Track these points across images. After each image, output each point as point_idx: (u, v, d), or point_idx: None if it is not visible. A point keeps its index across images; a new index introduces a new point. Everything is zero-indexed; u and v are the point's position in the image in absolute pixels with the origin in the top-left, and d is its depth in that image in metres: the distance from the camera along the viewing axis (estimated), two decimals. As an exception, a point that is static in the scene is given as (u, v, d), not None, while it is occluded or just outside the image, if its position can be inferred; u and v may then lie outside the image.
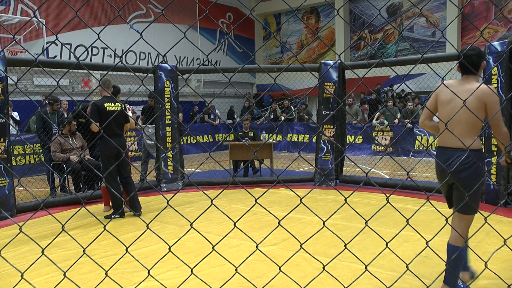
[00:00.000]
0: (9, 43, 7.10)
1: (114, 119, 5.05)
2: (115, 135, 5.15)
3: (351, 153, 11.42)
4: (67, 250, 4.01)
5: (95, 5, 12.93)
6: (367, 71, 2.49)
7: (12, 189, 5.51)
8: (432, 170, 8.40)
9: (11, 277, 3.41)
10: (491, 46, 5.54)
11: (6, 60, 5.37)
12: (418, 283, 2.98)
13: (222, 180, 7.45)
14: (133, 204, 5.30)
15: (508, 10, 14.20)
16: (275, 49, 19.88)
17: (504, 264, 3.45)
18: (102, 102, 5.14)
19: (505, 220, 4.78)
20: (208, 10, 2.77)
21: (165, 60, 14.43)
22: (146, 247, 4.05)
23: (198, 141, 12.74)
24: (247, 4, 19.03)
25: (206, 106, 14.94)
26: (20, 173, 7.99)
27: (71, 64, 6.86)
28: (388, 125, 10.77)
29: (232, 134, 9.01)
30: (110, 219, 5.13)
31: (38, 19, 10.82)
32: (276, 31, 19.51)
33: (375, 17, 16.55)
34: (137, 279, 3.21)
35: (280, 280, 2.94)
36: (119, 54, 14.04)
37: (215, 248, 1.58)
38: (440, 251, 3.72)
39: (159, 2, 15.37)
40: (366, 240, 4.05)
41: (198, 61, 17.00)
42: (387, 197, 1.47)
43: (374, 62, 7.25)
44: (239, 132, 8.54)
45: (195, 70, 8.81)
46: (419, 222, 4.69)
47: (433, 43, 14.81)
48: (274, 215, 1.81)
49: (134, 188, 5.49)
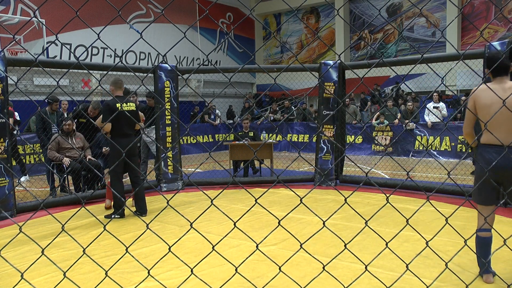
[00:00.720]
0: (9, 43, 7.10)
1: (126, 119, 5.01)
2: (126, 135, 5.11)
3: (351, 153, 11.42)
4: (67, 250, 4.01)
5: (95, 5, 12.94)
6: (367, 71, 2.50)
7: (12, 189, 5.51)
8: (432, 170, 8.43)
9: (11, 277, 3.41)
10: (491, 46, 5.54)
11: (6, 60, 5.36)
12: (418, 283, 2.98)
13: (222, 180, 7.45)
14: (141, 205, 5.28)
15: (508, 10, 14.20)
16: (275, 49, 19.88)
17: (504, 264, 3.45)
18: (114, 102, 5.08)
19: (505, 220, 4.79)
20: (208, 10, 2.76)
21: (165, 60, 14.43)
22: (146, 247, 4.05)
23: (198, 141, 12.74)
24: (247, 4, 19.03)
25: (206, 106, 14.94)
26: (20, 173, 7.99)
27: (71, 64, 6.86)
28: (388, 125, 10.77)
29: (232, 134, 9.01)
30: (110, 219, 5.13)
31: (38, 19, 10.82)
32: (276, 31, 19.51)
33: (375, 17, 16.56)
34: (137, 279, 3.21)
35: (280, 280, 2.94)
36: (119, 54, 14.04)
37: (215, 248, 1.58)
38: (440, 251, 3.72)
39: (159, 2, 15.37)
40: (366, 240, 4.05)
41: (198, 61, 17.01)
42: (387, 197, 1.47)
43: (374, 62, 7.25)
44: (239, 132, 8.54)
45: (195, 70, 8.81)
46: (419, 222, 4.69)
47: (433, 43, 14.82)
48: (274, 215, 1.81)
49: (141, 189, 5.45)
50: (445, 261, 1.65)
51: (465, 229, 4.20)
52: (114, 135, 5.04)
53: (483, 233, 2.94)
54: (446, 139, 9.90)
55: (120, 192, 5.18)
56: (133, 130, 5.25)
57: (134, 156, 5.34)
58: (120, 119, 4.97)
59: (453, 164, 8.84)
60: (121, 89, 5.23)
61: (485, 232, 2.95)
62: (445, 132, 9.66)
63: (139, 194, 5.31)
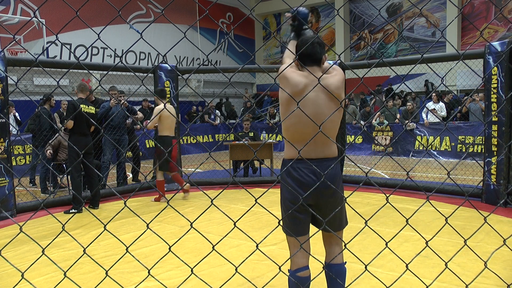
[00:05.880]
0: (9, 43, 7.09)
1: (86, 119, 5.52)
2: (84, 134, 5.61)
3: (351, 153, 11.42)
4: (67, 250, 4.01)
5: (95, 5, 12.93)
6: (367, 71, 2.49)
7: (12, 189, 5.51)
8: (432, 170, 8.43)
9: (11, 277, 3.41)
10: (491, 46, 5.54)
11: (6, 60, 5.37)
12: (418, 283, 2.98)
13: (222, 180, 7.46)
14: (97, 199, 5.76)
15: (508, 10, 14.20)
16: (275, 49, 19.88)
17: (504, 264, 3.45)
18: (78, 103, 5.63)
19: (505, 220, 4.78)
20: (208, 10, 2.75)
21: (165, 60, 14.42)
22: (146, 247, 4.05)
23: (198, 141, 12.74)
24: (247, 4, 19.03)
25: (206, 106, 14.95)
26: (20, 173, 7.99)
27: (71, 64, 6.86)
28: (388, 125, 10.77)
29: (232, 134, 9.02)
30: (70, 213, 5.50)
31: (38, 19, 10.82)
32: (276, 31, 19.51)
33: (375, 17, 16.56)
34: (137, 279, 3.21)
35: (280, 280, 2.94)
36: (119, 54, 14.04)
37: (215, 248, 1.58)
38: (440, 251, 3.72)
39: (159, 2, 15.37)
40: (366, 240, 4.05)
41: (198, 61, 17.00)
42: (387, 197, 1.47)
43: (374, 62, 7.25)
44: (239, 132, 8.55)
45: (195, 70, 8.81)
46: (419, 222, 4.69)
47: (433, 43, 14.81)
48: (274, 215, 1.81)
49: (97, 184, 5.86)
50: (445, 261, 1.65)
51: (465, 229, 4.20)
52: (74, 133, 5.54)
53: (301, 273, 2.23)
54: (446, 139, 9.91)
55: (80, 188, 5.76)
56: (89, 131, 5.71)
57: (90, 154, 5.88)
58: (81, 119, 5.48)
59: (453, 164, 8.84)
60: (82, 92, 5.74)
61: (304, 270, 2.24)
62: (445, 132, 9.66)
63: (95, 188, 5.73)
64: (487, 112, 5.64)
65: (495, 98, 5.43)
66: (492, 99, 5.48)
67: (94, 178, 5.83)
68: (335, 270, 2.29)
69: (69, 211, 5.56)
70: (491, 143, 5.51)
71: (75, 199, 5.64)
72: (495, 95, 5.39)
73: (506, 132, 5.31)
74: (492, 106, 5.49)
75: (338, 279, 2.25)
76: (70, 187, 6.74)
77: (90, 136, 5.75)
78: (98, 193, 5.77)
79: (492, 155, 5.49)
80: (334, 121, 2.23)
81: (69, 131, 5.63)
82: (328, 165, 2.19)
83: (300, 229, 2.25)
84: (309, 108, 2.15)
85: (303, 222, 2.25)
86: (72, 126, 5.50)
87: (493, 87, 5.41)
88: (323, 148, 2.21)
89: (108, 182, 7.89)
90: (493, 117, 5.45)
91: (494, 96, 5.43)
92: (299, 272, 2.23)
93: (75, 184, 5.57)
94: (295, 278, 2.22)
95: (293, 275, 2.24)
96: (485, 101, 5.77)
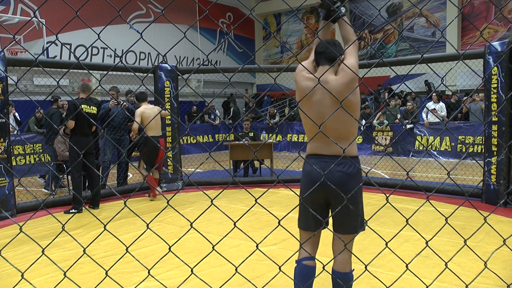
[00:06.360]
0: (9, 43, 7.09)
1: (87, 119, 5.50)
2: (86, 134, 5.61)
3: (351, 153, 11.40)
4: (67, 250, 4.01)
5: (95, 5, 12.93)
6: (367, 71, 2.49)
7: (12, 189, 5.51)
8: (432, 170, 8.43)
9: (11, 277, 3.41)
10: (491, 46, 5.54)
11: (6, 60, 5.37)
12: (418, 283, 2.98)
13: (222, 180, 7.46)
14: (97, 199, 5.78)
15: (508, 10, 14.20)
16: (275, 49, 19.88)
17: (504, 264, 3.45)
18: (80, 102, 5.65)
19: (505, 220, 4.78)
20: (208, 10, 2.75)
21: (165, 60, 14.43)
22: (146, 247, 4.05)
23: (198, 141, 12.74)
24: (247, 4, 19.03)
25: (206, 106, 14.94)
26: (20, 173, 7.99)
27: (71, 64, 6.86)
28: (388, 125, 10.77)
29: (232, 134, 9.03)
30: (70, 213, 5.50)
31: (38, 19, 10.82)
32: (276, 31, 19.51)
33: (375, 17, 16.55)
34: (137, 279, 3.21)
35: (280, 280, 2.94)
36: (119, 54, 14.04)
37: (215, 248, 1.58)
38: (440, 251, 3.72)
39: (159, 2, 15.37)
40: (366, 240, 4.05)
41: (198, 61, 17.00)
42: (387, 197, 1.47)
43: (374, 62, 7.25)
44: (239, 132, 8.55)
45: (195, 70, 8.81)
46: (419, 222, 4.69)
47: (433, 43, 14.81)
48: (274, 215, 1.81)
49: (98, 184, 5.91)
50: (445, 261, 1.65)
51: (465, 229, 4.20)
52: (75, 133, 5.54)
53: (306, 261, 2.32)
54: (446, 139, 9.90)
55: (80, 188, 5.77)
56: (90, 131, 5.72)
57: (91, 154, 5.89)
58: (82, 119, 5.47)
59: (453, 164, 8.84)
60: (85, 92, 5.77)
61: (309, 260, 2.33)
62: (445, 132, 9.66)
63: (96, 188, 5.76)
64: (487, 112, 5.64)
65: (495, 98, 5.43)
66: (492, 99, 5.48)
67: (95, 178, 5.86)
68: (341, 279, 2.28)
69: (69, 211, 5.57)
70: (491, 143, 5.51)
71: (75, 199, 5.66)
72: (495, 95, 5.39)
73: (506, 132, 5.31)
74: (492, 106, 5.49)
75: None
76: (70, 187, 6.75)
77: (91, 136, 5.78)
78: (98, 193, 5.80)
79: (492, 155, 5.49)
80: (344, 121, 2.21)
81: (70, 131, 5.64)
82: (340, 163, 2.21)
83: (303, 224, 2.36)
84: (314, 108, 2.25)
85: (308, 218, 2.32)
86: (73, 126, 5.52)
87: (493, 87, 5.40)
88: (336, 146, 2.23)
89: (108, 182, 7.89)
90: (493, 117, 5.45)
91: (494, 96, 5.43)
92: (304, 261, 2.32)
93: (75, 184, 5.58)
94: (300, 265, 2.32)
95: (298, 263, 2.34)
96: (485, 101, 5.77)
